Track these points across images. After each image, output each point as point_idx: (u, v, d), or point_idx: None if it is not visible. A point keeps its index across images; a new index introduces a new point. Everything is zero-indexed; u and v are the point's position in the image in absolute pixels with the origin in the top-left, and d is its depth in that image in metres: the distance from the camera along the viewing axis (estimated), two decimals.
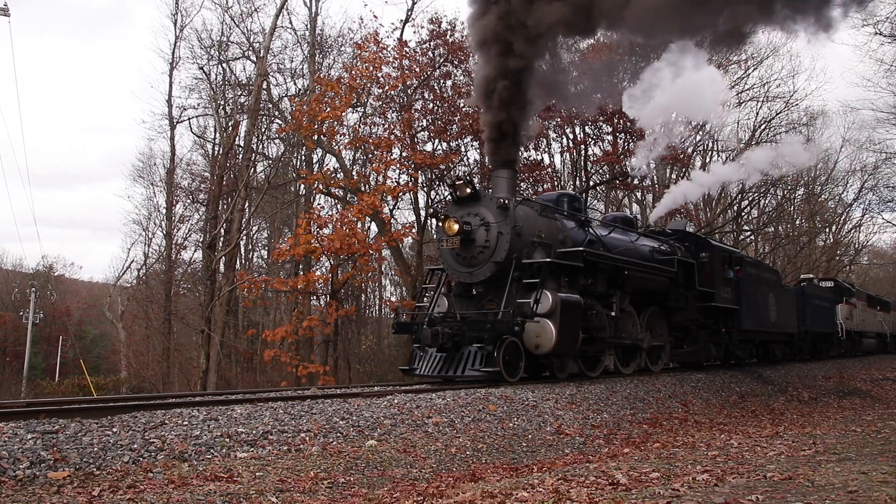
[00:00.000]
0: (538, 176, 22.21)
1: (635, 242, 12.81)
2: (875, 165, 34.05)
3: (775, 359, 18.73)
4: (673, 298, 13.19)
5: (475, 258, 10.02)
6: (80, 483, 4.19)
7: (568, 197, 12.20)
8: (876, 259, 53.66)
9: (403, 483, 5.01)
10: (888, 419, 8.74)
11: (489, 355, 9.05)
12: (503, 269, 9.80)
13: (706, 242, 15.37)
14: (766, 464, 4.84)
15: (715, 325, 15.04)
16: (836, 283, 25.98)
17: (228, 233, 23.59)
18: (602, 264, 11.06)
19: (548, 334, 9.32)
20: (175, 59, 26.13)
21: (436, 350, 9.58)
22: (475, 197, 10.22)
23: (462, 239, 9.96)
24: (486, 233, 9.93)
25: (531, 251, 10.03)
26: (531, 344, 9.44)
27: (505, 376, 9.14)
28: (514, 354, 9.34)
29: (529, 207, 10.63)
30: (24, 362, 35.51)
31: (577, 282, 10.62)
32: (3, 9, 24.91)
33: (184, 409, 6.03)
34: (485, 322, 9.42)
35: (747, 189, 33.15)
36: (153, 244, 33.49)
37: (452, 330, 9.46)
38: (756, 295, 16.51)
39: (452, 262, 10.34)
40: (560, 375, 10.39)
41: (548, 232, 10.46)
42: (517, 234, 9.89)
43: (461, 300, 10.59)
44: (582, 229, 11.45)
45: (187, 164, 29.25)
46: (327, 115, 17.67)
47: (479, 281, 10.12)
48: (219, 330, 21.96)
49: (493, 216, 9.96)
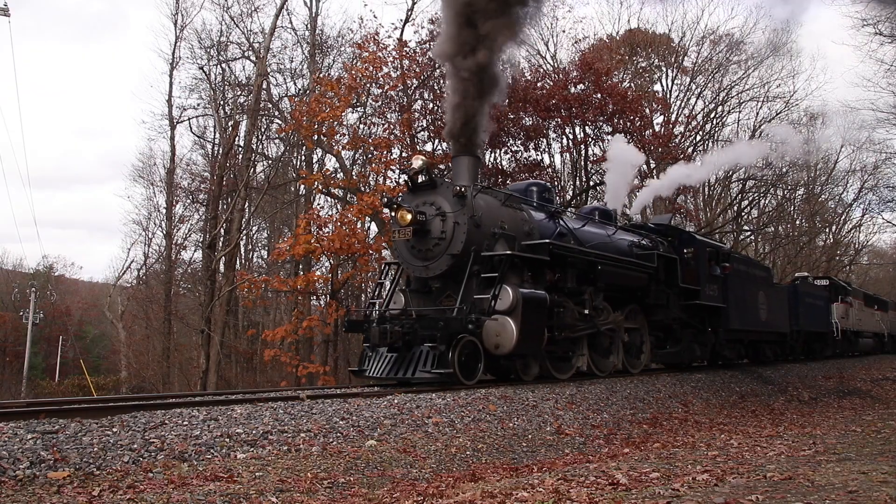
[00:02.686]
0: (538, 176, 22.20)
1: (612, 236, 12.15)
2: (875, 165, 34.17)
3: (766, 359, 18.19)
4: (653, 296, 12.50)
5: (430, 251, 9.30)
6: (80, 483, 4.19)
7: (538, 187, 11.50)
8: (876, 259, 53.71)
9: (403, 483, 5.01)
10: (888, 419, 8.74)
11: (441, 356, 8.36)
12: (460, 263, 9.09)
13: (691, 237, 14.73)
14: (766, 464, 4.84)
15: (700, 325, 14.39)
16: (831, 281, 25.51)
17: (228, 233, 23.60)
18: (572, 258, 10.35)
19: (508, 333, 8.61)
20: (175, 59, 26.14)
21: (387, 350, 8.91)
22: (432, 185, 9.48)
23: (416, 230, 9.23)
24: (442, 223, 9.20)
25: (492, 243, 9.37)
26: (491, 344, 8.71)
27: (460, 378, 8.44)
28: (471, 355, 8.66)
29: (492, 197, 9.96)
30: (24, 362, 35.52)
31: (543, 277, 9.93)
32: (3, 9, 24.91)
33: (184, 409, 6.03)
34: (437, 320, 8.63)
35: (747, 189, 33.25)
36: (153, 244, 33.53)
37: (404, 328, 8.73)
38: (745, 293, 15.88)
39: (407, 255, 9.63)
40: (526, 378, 9.73)
41: (512, 223, 9.81)
42: (476, 224, 9.18)
43: (419, 296, 9.87)
44: (552, 221, 10.75)
45: (187, 164, 29.28)
46: (327, 115, 17.68)
47: (435, 275, 9.39)
48: (219, 330, 21.97)
49: (449, 205, 9.20)
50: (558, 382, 9.92)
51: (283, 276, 23.33)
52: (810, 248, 38.96)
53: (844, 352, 25.11)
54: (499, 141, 21.38)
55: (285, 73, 25.75)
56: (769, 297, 17.15)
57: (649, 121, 24.30)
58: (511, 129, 21.41)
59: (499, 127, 20.58)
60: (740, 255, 18.81)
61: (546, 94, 21.10)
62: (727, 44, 28.70)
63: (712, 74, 29.30)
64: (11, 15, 25.29)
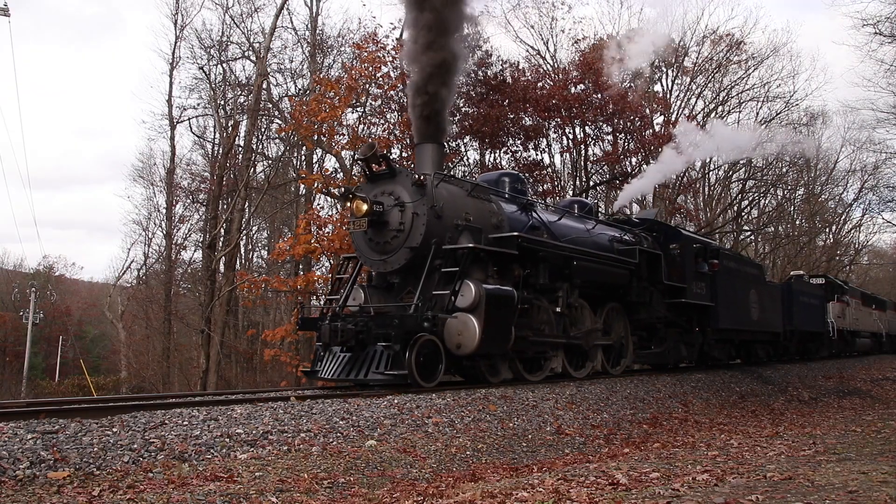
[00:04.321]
0: (538, 176, 22.21)
1: (592, 230, 11.58)
2: (875, 165, 34.19)
3: (758, 360, 17.75)
4: (635, 293, 11.88)
5: (389, 244, 8.75)
6: (80, 483, 4.19)
7: (510, 177, 10.93)
8: (876, 259, 53.73)
9: (403, 483, 5.01)
10: (888, 419, 8.74)
11: (396, 356, 7.79)
12: (420, 257, 8.53)
13: (677, 233, 14.12)
14: (766, 464, 4.84)
15: (687, 324, 13.78)
16: (827, 279, 25.03)
17: (228, 233, 23.61)
18: (544, 252, 9.74)
19: (470, 332, 8.06)
20: (175, 59, 26.17)
21: (340, 349, 8.40)
22: (391, 173, 8.91)
23: (373, 221, 8.69)
24: (401, 214, 8.64)
25: (455, 236, 8.79)
26: (452, 343, 8.16)
27: (418, 381, 7.87)
28: (431, 355, 8.06)
29: (458, 187, 9.39)
30: (24, 362, 35.52)
31: (510, 272, 9.33)
32: (3, 9, 24.91)
33: (184, 409, 6.03)
34: (392, 317, 8.09)
35: (747, 189, 33.27)
36: (153, 244, 33.55)
37: (357, 326, 8.16)
38: (735, 291, 15.32)
39: (365, 248, 9.09)
40: (493, 380, 9.17)
41: (478, 214, 9.26)
42: (437, 215, 8.61)
43: (379, 293, 9.36)
44: (524, 213, 10.22)
45: (187, 164, 29.30)
46: (326, 115, 17.67)
47: (393, 270, 8.87)
48: (219, 330, 21.98)
49: (408, 195, 8.64)
50: (559, 382, 9.89)
51: (283, 276, 23.33)
52: (810, 248, 38.98)
53: (841, 352, 24.66)
54: (499, 141, 21.39)
55: (285, 73, 25.78)
56: (761, 295, 16.64)
57: (649, 121, 24.30)
58: (511, 129, 21.42)
59: (498, 127, 20.61)
60: (730, 252, 18.23)
61: (546, 94, 21.11)
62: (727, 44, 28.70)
63: (712, 74, 29.32)
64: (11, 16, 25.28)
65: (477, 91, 20.72)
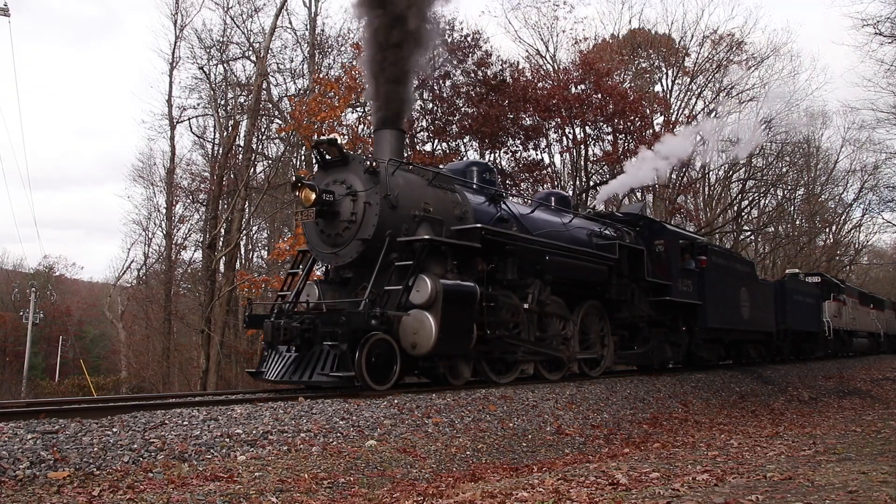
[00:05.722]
0: (538, 176, 22.23)
1: (568, 224, 11.03)
2: (875, 165, 34.20)
3: (750, 360, 17.18)
4: (615, 291, 11.31)
5: (340, 235, 8.20)
6: (80, 483, 4.19)
7: (478, 166, 10.37)
8: (876, 259, 53.74)
9: (403, 483, 5.01)
10: (888, 419, 8.74)
11: (343, 356, 7.20)
12: (374, 249, 7.93)
13: (661, 227, 13.50)
14: (766, 464, 4.84)
15: (673, 323, 13.17)
16: (823, 278, 24.29)
17: (228, 233, 23.61)
18: (511, 246, 9.16)
19: (426, 331, 7.49)
20: (175, 59, 26.18)
21: (287, 349, 7.89)
22: (343, 161, 8.36)
23: (323, 211, 8.16)
24: (353, 204, 8.09)
25: (413, 227, 8.22)
26: (407, 342, 7.59)
27: (368, 383, 7.27)
28: (385, 356, 7.46)
29: (417, 175, 8.88)
30: (24, 362, 35.53)
31: (473, 267, 8.81)
32: (3, 9, 24.91)
33: (184, 409, 6.03)
34: (339, 314, 7.57)
35: (747, 189, 33.29)
36: (153, 244, 33.54)
37: (303, 324, 7.63)
38: (724, 288, 14.69)
39: (317, 240, 8.52)
40: (455, 382, 8.56)
41: (440, 205, 8.70)
42: (391, 205, 8.06)
43: (335, 288, 8.81)
44: (492, 205, 9.66)
45: (187, 164, 29.29)
46: (326, 115, 17.69)
47: (346, 264, 8.31)
48: (219, 330, 21.97)
49: (361, 183, 8.09)
50: (559, 382, 9.90)
51: (283, 276, 23.30)
52: (810, 248, 39.00)
53: (837, 352, 24.02)
54: (499, 141, 21.39)
55: (285, 73, 25.81)
56: (753, 293, 16.02)
57: (649, 121, 24.31)
58: (511, 128, 21.43)
59: (498, 127, 20.63)
60: (720, 248, 17.59)
61: (546, 94, 21.13)
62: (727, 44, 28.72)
63: (712, 74, 29.33)
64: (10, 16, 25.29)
65: (477, 91, 20.74)
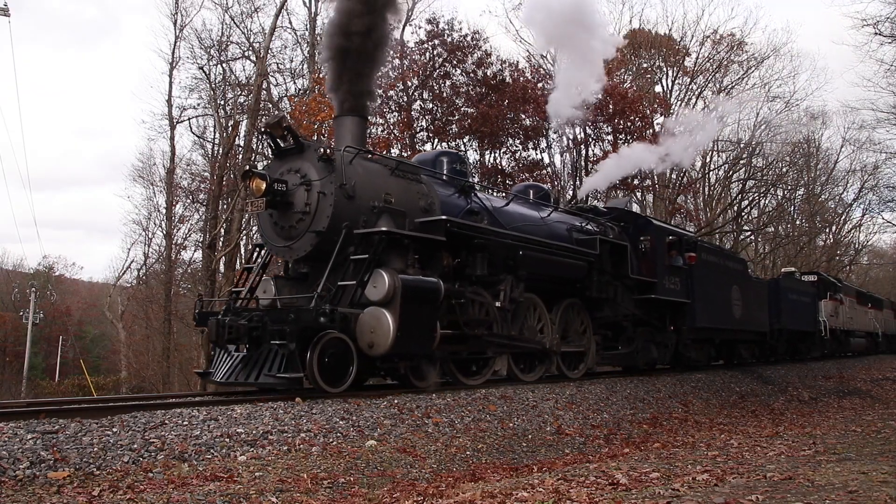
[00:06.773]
0: (538, 176, 22.21)
1: (546, 218, 10.51)
2: (875, 165, 34.20)
3: (742, 361, 16.76)
4: (596, 288, 10.81)
5: (294, 227, 7.73)
6: (80, 483, 4.19)
7: (448, 156, 9.92)
8: (876, 259, 53.73)
9: (403, 483, 5.01)
10: (888, 419, 8.74)
11: (291, 356, 6.73)
12: (329, 242, 7.46)
13: (647, 223, 12.98)
14: (766, 464, 4.84)
15: (660, 322, 12.64)
16: (819, 276, 23.82)
17: (228, 233, 23.61)
18: (481, 240, 8.69)
19: (384, 329, 7.01)
20: (175, 59, 26.16)
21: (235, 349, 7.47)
22: (298, 149, 7.87)
23: (275, 202, 7.67)
24: (307, 194, 7.62)
25: (372, 219, 7.76)
26: (364, 342, 7.13)
27: (321, 385, 6.81)
28: (340, 356, 7.00)
29: (379, 164, 8.43)
30: (24, 362, 35.53)
31: (438, 261, 8.36)
32: (3, 9, 24.92)
33: (184, 409, 6.02)
34: (288, 311, 7.13)
35: (747, 189, 33.27)
36: (153, 244, 33.51)
37: (250, 322, 7.12)
38: (715, 287, 14.16)
39: (270, 233, 8.04)
40: (420, 385, 8.09)
41: (403, 196, 8.22)
42: (347, 195, 7.61)
43: (292, 284, 8.36)
44: (462, 197, 9.17)
45: (187, 164, 29.26)
46: (326, 115, 17.69)
47: (300, 257, 7.83)
48: None
49: (316, 172, 7.63)
50: (559, 382, 9.87)
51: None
52: (810, 248, 39.00)
53: (834, 352, 23.46)
54: (498, 141, 21.39)
55: (285, 73, 25.80)
56: (745, 292, 15.52)
57: (650, 121, 24.31)
58: (511, 129, 21.42)
59: (498, 127, 20.62)
60: (710, 245, 17.01)
61: (546, 94, 21.10)
62: (728, 44, 28.73)
63: (713, 74, 29.34)
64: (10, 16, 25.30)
65: (476, 91, 20.73)
